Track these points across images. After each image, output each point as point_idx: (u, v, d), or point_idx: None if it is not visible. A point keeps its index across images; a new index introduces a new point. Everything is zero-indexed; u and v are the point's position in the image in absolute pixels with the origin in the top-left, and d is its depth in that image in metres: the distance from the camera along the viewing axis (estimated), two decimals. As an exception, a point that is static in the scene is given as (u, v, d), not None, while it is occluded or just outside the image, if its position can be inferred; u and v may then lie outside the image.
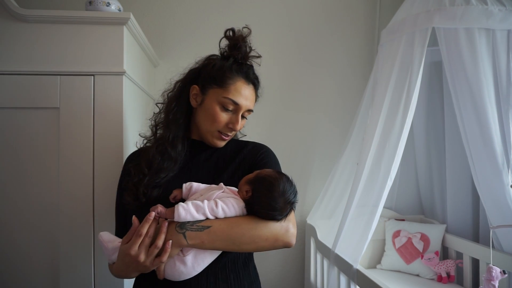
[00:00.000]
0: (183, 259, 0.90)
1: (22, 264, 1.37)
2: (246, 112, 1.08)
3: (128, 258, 0.88)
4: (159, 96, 1.19)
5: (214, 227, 0.89)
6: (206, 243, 0.89)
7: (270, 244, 0.93)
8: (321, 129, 2.26)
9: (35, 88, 1.37)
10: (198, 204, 0.90)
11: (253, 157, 1.09)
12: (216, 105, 1.04)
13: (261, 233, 0.91)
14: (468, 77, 1.60)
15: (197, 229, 0.88)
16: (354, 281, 1.50)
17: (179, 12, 2.17)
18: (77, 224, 1.38)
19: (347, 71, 2.28)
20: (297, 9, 2.25)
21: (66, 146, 1.38)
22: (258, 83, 1.12)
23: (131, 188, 1.02)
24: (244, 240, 0.90)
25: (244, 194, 0.94)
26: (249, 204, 0.93)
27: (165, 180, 1.04)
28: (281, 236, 0.93)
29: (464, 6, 1.58)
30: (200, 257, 0.91)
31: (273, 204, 0.91)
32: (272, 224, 0.92)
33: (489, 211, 1.65)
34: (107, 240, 0.97)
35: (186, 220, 0.88)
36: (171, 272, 0.91)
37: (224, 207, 0.90)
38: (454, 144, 2.00)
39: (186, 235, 0.88)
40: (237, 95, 1.04)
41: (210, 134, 1.07)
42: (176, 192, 0.99)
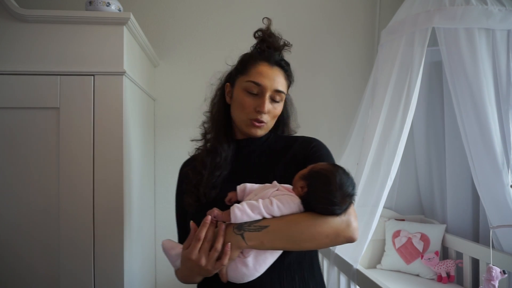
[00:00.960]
0: (244, 261, 0.89)
1: (22, 265, 1.37)
2: (275, 95, 1.03)
3: (190, 263, 0.88)
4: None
5: (272, 227, 0.87)
6: (266, 243, 0.87)
7: (331, 240, 0.89)
8: (321, 129, 2.26)
9: (35, 88, 1.37)
10: (253, 203, 0.88)
11: (305, 150, 1.06)
12: (242, 92, 1.04)
13: (321, 229, 0.87)
14: (468, 77, 1.60)
15: (255, 230, 0.86)
16: (354, 281, 1.50)
17: (179, 12, 2.17)
18: (77, 224, 1.38)
19: (347, 71, 2.28)
20: (297, 9, 2.25)
21: (66, 146, 1.38)
22: (286, 65, 1.08)
23: (191, 190, 1.03)
24: (304, 238, 0.87)
25: (299, 191, 0.90)
26: (305, 200, 0.89)
27: (221, 180, 1.04)
28: (342, 231, 0.88)
29: (464, 6, 1.58)
30: (261, 258, 0.90)
31: (331, 198, 0.87)
32: (332, 219, 0.88)
33: (489, 211, 1.65)
34: (170, 247, 0.97)
35: (242, 221, 0.87)
36: (234, 274, 0.90)
37: (279, 205, 0.88)
38: (454, 144, 2.00)
39: (244, 236, 0.86)
40: (259, 76, 1.02)
41: (244, 124, 1.05)
42: (231, 195, 0.98)
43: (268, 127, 1.08)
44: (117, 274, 1.39)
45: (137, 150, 1.68)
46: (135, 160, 1.64)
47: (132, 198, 1.57)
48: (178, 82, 2.17)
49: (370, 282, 1.38)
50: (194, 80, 2.15)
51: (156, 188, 2.13)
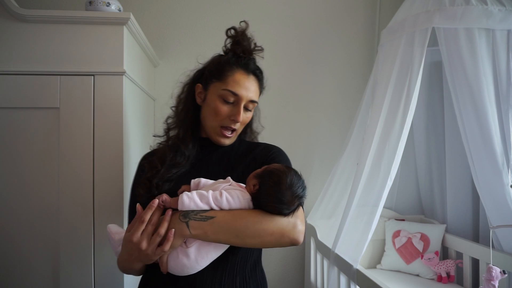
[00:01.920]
0: (186, 251, 0.88)
1: (22, 265, 1.37)
2: (249, 104, 1.06)
3: (130, 245, 0.88)
4: (167, 97, 1.21)
5: (218, 218, 0.87)
6: (209, 234, 0.87)
7: (275, 240, 0.89)
8: (321, 129, 2.26)
9: (35, 88, 1.37)
10: (202, 193, 0.89)
11: (264, 156, 1.08)
12: (217, 99, 1.05)
13: (266, 227, 0.88)
14: (468, 77, 1.60)
15: (201, 219, 0.86)
16: (354, 281, 1.50)
17: (179, 12, 2.17)
18: (77, 224, 1.38)
19: (347, 71, 2.28)
20: (297, 9, 2.25)
21: (66, 146, 1.38)
22: (260, 74, 1.10)
23: (144, 181, 1.03)
24: (249, 234, 0.88)
25: (251, 188, 0.92)
26: (256, 198, 0.91)
27: (177, 176, 1.04)
28: (287, 232, 0.90)
29: (464, 6, 1.58)
30: (203, 250, 0.90)
31: (280, 197, 0.88)
32: (278, 219, 0.89)
33: (489, 211, 1.65)
34: (114, 232, 0.97)
35: (189, 208, 0.87)
36: (175, 264, 0.89)
37: (228, 198, 0.89)
38: (454, 144, 2.00)
39: (189, 224, 0.86)
40: (236, 86, 1.03)
41: (213, 131, 1.07)
42: (184, 188, 0.98)
43: (237, 134, 1.11)
44: (117, 274, 1.39)
45: (137, 150, 1.68)
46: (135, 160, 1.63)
47: (132, 198, 1.57)
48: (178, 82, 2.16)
49: (370, 282, 1.38)
50: (194, 80, 2.14)
51: (156, 188, 2.13)
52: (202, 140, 1.12)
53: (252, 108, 1.09)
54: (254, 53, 1.11)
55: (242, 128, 1.12)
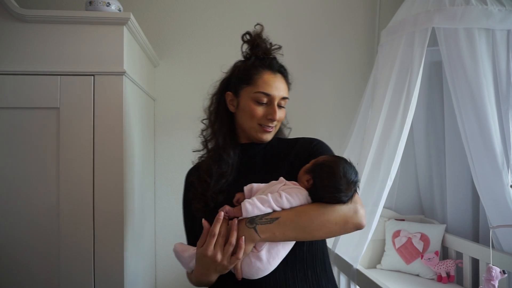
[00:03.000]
0: (258, 255, 0.91)
1: (22, 265, 1.37)
2: (281, 101, 1.09)
3: (205, 259, 0.91)
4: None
5: (282, 218, 0.90)
6: (278, 235, 0.90)
7: (341, 228, 0.93)
8: (321, 129, 2.26)
9: (35, 88, 1.37)
10: (262, 197, 0.91)
11: (307, 150, 1.09)
12: (251, 102, 1.07)
13: (330, 217, 0.91)
14: (468, 77, 1.60)
15: (267, 222, 0.90)
16: (354, 281, 1.50)
17: (179, 12, 2.17)
18: (77, 224, 1.38)
19: (347, 71, 2.28)
20: (296, 9, 2.25)
21: (66, 146, 1.38)
22: (285, 70, 1.14)
23: (199, 196, 1.06)
24: (314, 227, 0.91)
25: (305, 184, 0.95)
26: (312, 192, 0.94)
27: (227, 185, 1.06)
28: (350, 218, 0.93)
29: (464, 6, 1.58)
30: (274, 251, 0.92)
31: (337, 186, 0.91)
32: (339, 207, 0.92)
33: (489, 211, 1.65)
34: (182, 250, 0.99)
35: (253, 214, 0.90)
36: (249, 269, 0.92)
37: (288, 197, 0.91)
38: (454, 144, 2.00)
39: (257, 229, 0.89)
40: (267, 86, 1.07)
41: (254, 130, 1.09)
42: (238, 195, 1.01)
43: (276, 130, 1.13)
44: (117, 274, 1.39)
45: (137, 150, 1.68)
46: (135, 160, 1.64)
47: (132, 198, 1.57)
48: (178, 82, 2.16)
49: (370, 282, 1.38)
50: (194, 80, 2.15)
51: (156, 188, 2.13)
52: (241, 145, 1.14)
53: (285, 104, 1.11)
54: (273, 52, 1.15)
55: (279, 125, 1.15)
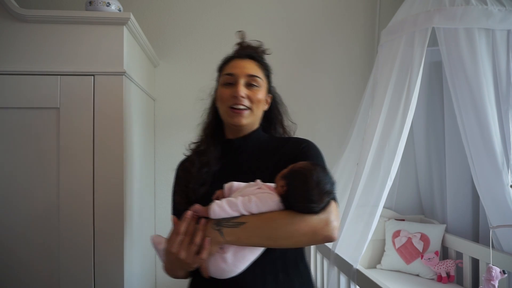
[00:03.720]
0: (223, 257, 0.91)
1: (22, 265, 1.37)
2: (251, 80, 1.07)
3: (170, 256, 0.92)
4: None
5: (249, 223, 0.89)
6: (243, 239, 0.89)
7: (309, 239, 0.90)
8: (321, 129, 2.26)
9: (35, 88, 1.37)
10: (231, 200, 0.91)
11: (294, 151, 1.07)
12: (220, 87, 1.10)
13: (298, 227, 0.88)
14: (468, 77, 1.60)
15: (233, 226, 0.89)
16: (354, 281, 1.50)
17: (179, 12, 2.17)
18: (77, 224, 1.38)
19: (347, 71, 2.28)
20: (296, 9, 2.25)
21: (66, 146, 1.38)
22: (259, 56, 1.13)
23: (182, 188, 1.07)
24: (280, 235, 0.89)
25: (280, 189, 0.92)
26: (285, 199, 0.91)
27: (210, 177, 1.07)
28: (320, 229, 0.89)
29: (464, 6, 1.58)
30: (240, 255, 0.92)
31: (309, 196, 0.88)
32: (310, 218, 0.89)
33: (489, 211, 1.65)
34: (157, 242, 1.00)
35: (220, 217, 0.90)
36: (214, 269, 0.93)
37: (257, 202, 0.90)
38: (454, 144, 2.00)
39: (222, 231, 0.89)
40: (230, 67, 1.09)
41: (227, 115, 1.08)
42: (218, 193, 1.00)
43: (255, 114, 1.09)
44: (117, 274, 1.39)
45: (137, 150, 1.68)
46: (135, 160, 1.64)
47: (132, 198, 1.57)
48: (178, 82, 2.16)
49: (370, 282, 1.38)
50: (194, 80, 2.15)
51: (156, 188, 2.13)
52: (228, 141, 1.14)
53: (258, 85, 1.08)
54: (261, 53, 1.16)
55: (258, 108, 1.09)
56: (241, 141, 1.12)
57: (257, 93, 1.08)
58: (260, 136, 1.15)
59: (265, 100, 1.14)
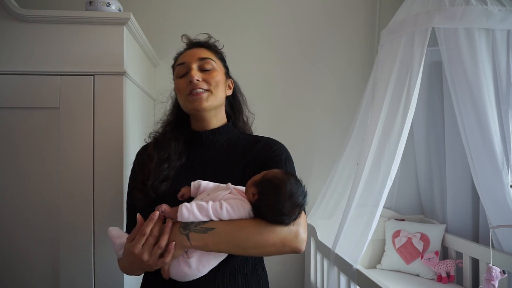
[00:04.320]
0: (188, 261, 0.88)
1: (22, 265, 1.37)
2: (204, 64, 1.06)
3: (131, 256, 0.88)
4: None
5: (218, 230, 0.86)
6: (210, 245, 0.87)
7: (277, 249, 0.89)
8: (321, 129, 2.26)
9: (35, 88, 1.37)
10: (201, 205, 0.87)
11: (265, 154, 1.05)
12: (175, 81, 1.10)
13: (267, 237, 0.87)
14: (468, 77, 1.60)
15: (201, 231, 0.86)
16: (354, 281, 1.50)
17: (179, 12, 2.17)
18: (77, 224, 1.38)
19: (347, 71, 2.28)
20: (297, 9, 2.24)
21: (66, 146, 1.38)
22: (206, 43, 1.13)
23: (139, 185, 1.03)
24: (250, 245, 0.87)
25: (250, 197, 0.90)
26: (256, 207, 0.89)
27: (173, 173, 1.03)
28: (289, 241, 0.89)
29: (464, 6, 1.58)
30: (204, 259, 0.90)
31: (280, 208, 0.86)
32: (280, 229, 0.88)
33: (489, 211, 1.65)
34: (116, 236, 0.96)
35: (188, 220, 0.87)
36: (176, 272, 0.90)
37: (228, 209, 0.87)
38: (454, 144, 2.00)
39: (189, 236, 0.86)
40: (181, 58, 1.10)
41: (187, 103, 1.06)
42: (184, 190, 0.97)
43: (216, 96, 1.06)
44: (117, 274, 1.39)
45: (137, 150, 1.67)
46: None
47: (132, 198, 1.57)
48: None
49: (370, 282, 1.38)
50: (194, 80, 2.15)
51: (156, 188, 2.13)
52: (196, 133, 1.11)
53: (212, 67, 1.07)
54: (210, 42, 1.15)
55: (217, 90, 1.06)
56: (210, 134, 1.09)
57: (213, 74, 1.06)
58: (230, 131, 1.12)
59: (225, 84, 1.12)
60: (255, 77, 2.17)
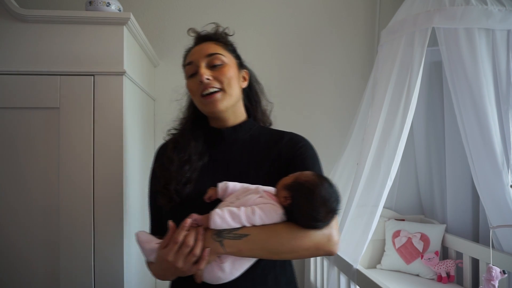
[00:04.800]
0: (221, 266, 0.88)
1: (22, 266, 1.37)
2: (213, 60, 1.01)
3: (165, 264, 0.87)
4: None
5: (252, 236, 0.85)
6: (244, 251, 0.86)
7: (311, 253, 0.89)
8: (321, 129, 2.26)
9: (35, 88, 1.37)
10: (234, 212, 0.86)
11: (291, 150, 1.02)
12: (187, 81, 1.07)
13: (301, 242, 0.86)
14: (468, 77, 1.60)
15: (235, 237, 0.85)
16: (354, 281, 1.50)
17: (179, 12, 2.17)
18: (77, 224, 1.37)
19: (347, 71, 2.28)
20: (296, 9, 2.24)
21: (66, 146, 1.38)
22: (214, 35, 1.08)
23: (161, 190, 1.00)
24: (284, 250, 0.86)
25: (282, 200, 0.88)
26: (288, 212, 0.88)
27: (195, 175, 1.01)
28: (322, 245, 0.88)
29: (464, 6, 1.58)
30: (238, 263, 0.89)
31: (315, 215, 0.85)
32: (313, 233, 0.87)
33: (489, 211, 1.65)
34: (144, 240, 0.95)
35: (221, 228, 0.86)
36: (209, 276, 0.89)
37: (261, 215, 0.86)
38: (454, 144, 2.00)
39: (223, 243, 0.85)
40: (189, 57, 1.06)
41: (201, 105, 1.03)
42: (211, 192, 0.95)
43: (230, 94, 1.02)
44: (117, 273, 1.39)
45: (137, 150, 1.68)
46: (135, 160, 1.64)
47: (132, 198, 1.57)
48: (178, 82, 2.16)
49: (370, 282, 1.38)
50: (194, 80, 2.15)
51: (156, 188, 2.13)
52: (217, 130, 1.07)
53: (221, 62, 1.02)
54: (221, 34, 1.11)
55: (229, 87, 1.02)
56: (231, 131, 1.06)
57: (224, 70, 1.01)
58: (251, 126, 1.09)
59: (240, 77, 1.07)
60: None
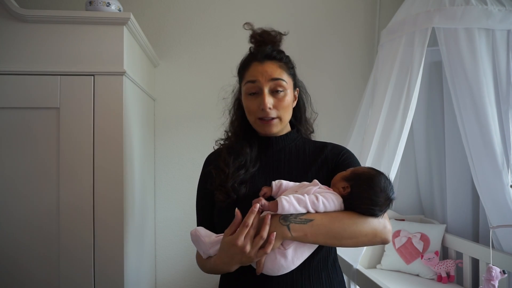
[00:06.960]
0: (284, 252, 0.91)
1: (22, 265, 1.37)
2: (276, 86, 1.03)
3: (233, 249, 0.89)
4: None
5: (316, 221, 0.90)
6: (309, 236, 0.89)
7: (369, 240, 0.93)
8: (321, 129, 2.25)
9: (35, 88, 1.38)
10: (299, 197, 0.91)
11: (336, 157, 1.09)
12: (245, 97, 1.07)
13: (361, 228, 0.91)
14: (468, 77, 1.60)
15: (301, 222, 0.89)
16: (354, 281, 1.50)
17: (179, 12, 2.17)
18: (77, 224, 1.38)
19: (347, 71, 2.28)
20: (297, 9, 2.25)
21: (66, 146, 1.38)
22: (278, 54, 1.07)
23: (218, 187, 1.05)
24: (345, 235, 0.91)
25: (341, 190, 0.95)
26: (347, 200, 0.94)
27: (249, 177, 1.06)
28: (379, 232, 0.93)
29: (464, 6, 1.58)
30: (299, 251, 0.93)
31: (375, 199, 0.92)
32: (371, 220, 0.92)
33: (489, 211, 1.65)
34: (204, 235, 0.98)
35: (289, 212, 0.89)
36: (271, 265, 0.92)
37: (324, 201, 0.91)
38: (454, 144, 2.00)
39: (290, 227, 0.89)
40: (251, 75, 1.04)
41: (256, 125, 1.07)
42: (265, 189, 1.00)
43: (284, 120, 1.07)
44: (117, 274, 1.40)
45: (137, 150, 1.68)
46: (135, 160, 1.64)
47: (132, 198, 1.57)
48: (178, 82, 2.17)
49: (370, 282, 1.38)
50: (194, 80, 2.15)
51: (156, 188, 2.13)
52: (267, 138, 1.12)
53: (283, 89, 1.04)
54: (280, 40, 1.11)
55: (286, 113, 1.07)
56: (279, 139, 1.11)
57: (285, 98, 1.05)
58: (295, 137, 1.15)
59: (293, 98, 1.11)
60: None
